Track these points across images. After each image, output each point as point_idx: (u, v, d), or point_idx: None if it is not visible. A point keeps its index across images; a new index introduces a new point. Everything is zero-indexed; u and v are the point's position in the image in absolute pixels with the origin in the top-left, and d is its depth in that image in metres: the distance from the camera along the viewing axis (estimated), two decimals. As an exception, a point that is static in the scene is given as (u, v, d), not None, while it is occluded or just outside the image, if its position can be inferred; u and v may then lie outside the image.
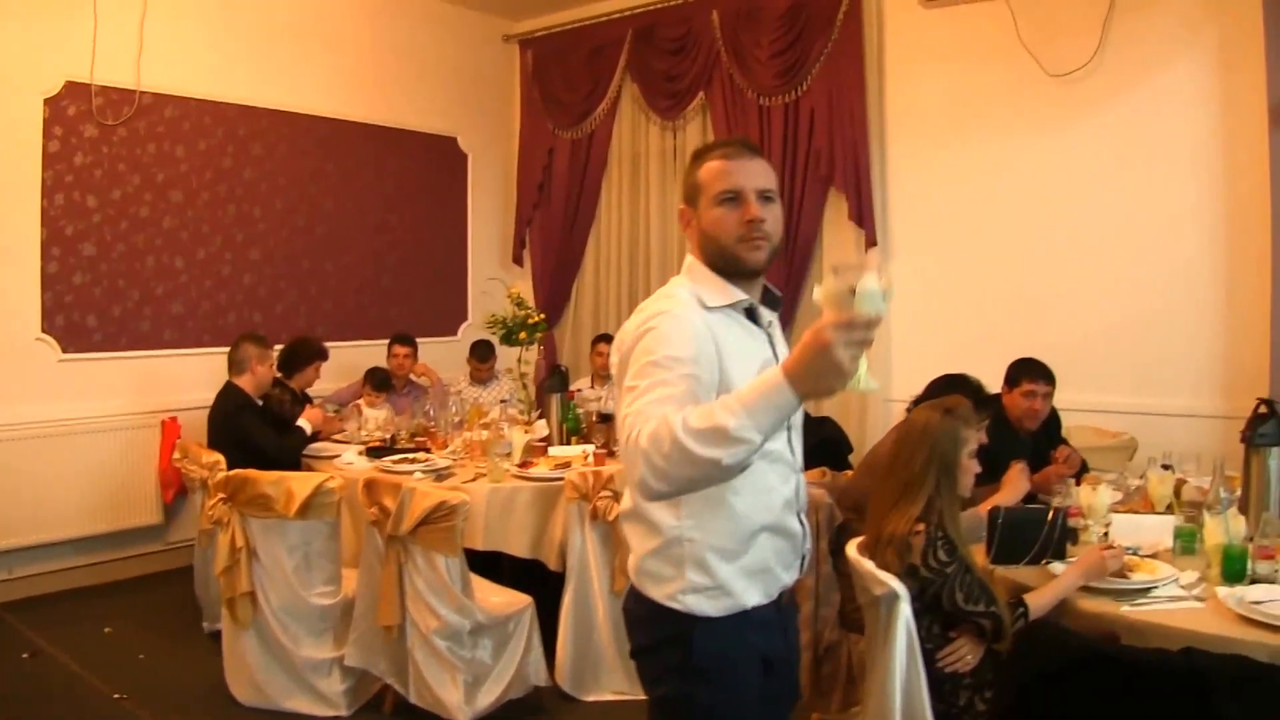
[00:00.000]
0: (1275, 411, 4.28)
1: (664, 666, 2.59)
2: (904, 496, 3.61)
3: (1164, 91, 6.87)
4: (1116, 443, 6.25)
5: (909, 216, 7.90)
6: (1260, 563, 3.66)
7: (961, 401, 3.81)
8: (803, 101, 8.04)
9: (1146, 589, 3.60)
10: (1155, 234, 6.90)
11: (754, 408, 2.05)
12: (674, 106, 8.86)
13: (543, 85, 9.78)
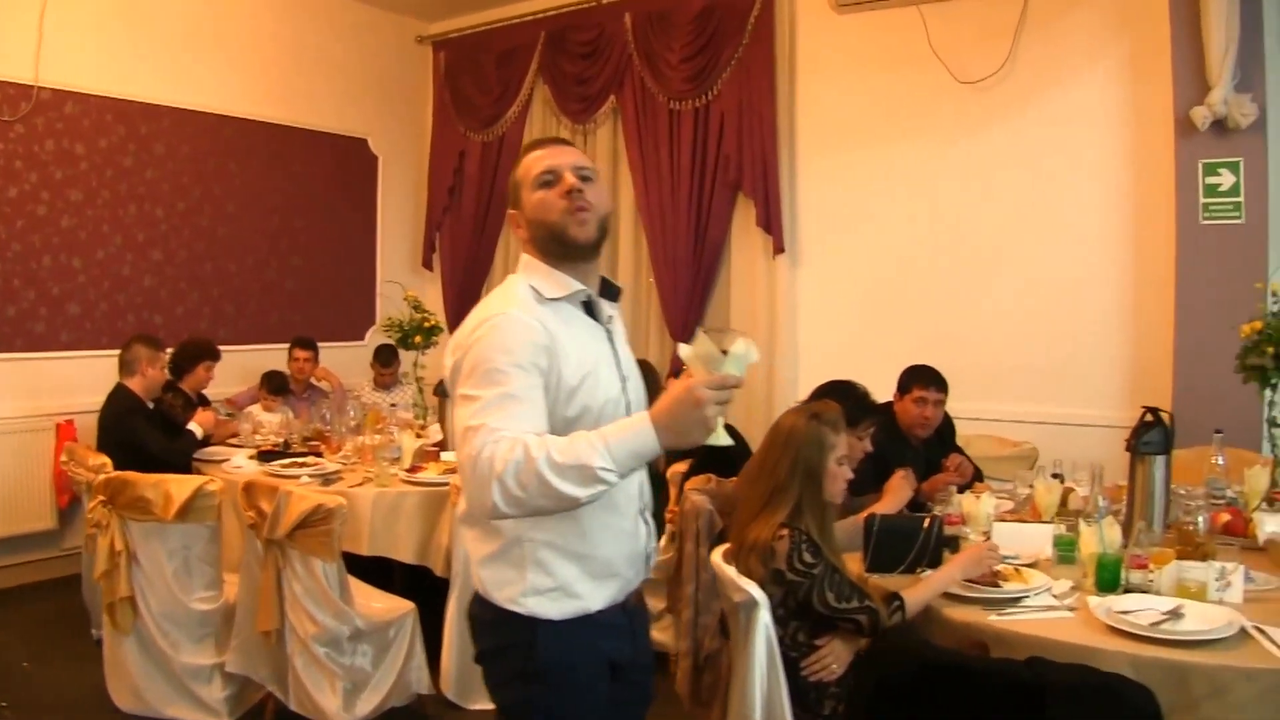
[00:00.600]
0: (1161, 420, 4.20)
1: (507, 671, 2.53)
2: (769, 503, 3.50)
3: (1073, 101, 6.87)
4: (1017, 452, 6.20)
5: (817, 223, 7.84)
6: (1134, 572, 3.57)
7: (830, 406, 3.70)
8: (713, 106, 7.97)
9: (1017, 598, 3.50)
10: (1063, 243, 6.90)
11: (618, 450, 2.13)
12: (585, 110, 8.76)
13: (455, 87, 9.66)
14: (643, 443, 2.15)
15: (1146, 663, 2.99)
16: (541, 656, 2.46)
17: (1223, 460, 4.75)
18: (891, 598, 3.42)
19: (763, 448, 3.69)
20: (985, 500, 4.26)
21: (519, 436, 2.14)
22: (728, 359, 2.19)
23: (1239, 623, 3.18)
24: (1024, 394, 6.86)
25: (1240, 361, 4.45)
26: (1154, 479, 4.18)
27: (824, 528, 3.56)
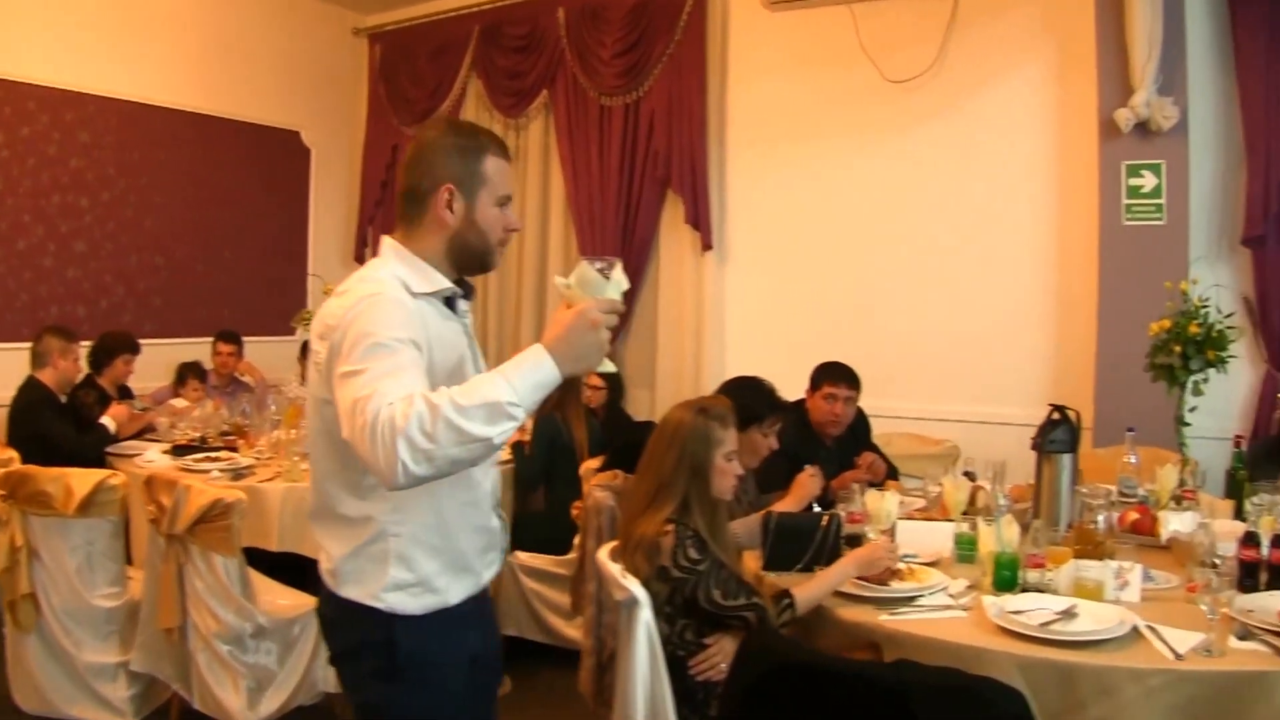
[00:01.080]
0: (1068, 418, 4.21)
1: (366, 670, 2.49)
2: (655, 499, 3.46)
3: (1000, 103, 6.93)
4: (938, 450, 6.21)
5: (746, 219, 7.85)
6: (1030, 571, 3.56)
7: (719, 401, 3.68)
8: (644, 103, 7.98)
9: (911, 597, 3.49)
10: (988, 243, 6.95)
11: (521, 384, 2.13)
12: (517, 105, 8.73)
13: (389, 80, 9.59)
14: (543, 373, 2.16)
15: (1033, 663, 2.99)
16: (402, 653, 2.43)
17: (1135, 459, 4.76)
18: (781, 595, 3.40)
19: (650, 443, 3.64)
20: (888, 498, 4.22)
21: (414, 393, 2.09)
22: (610, 283, 2.30)
23: (1131, 623, 3.18)
24: (949, 392, 6.89)
25: (1150, 360, 4.45)
26: (1060, 477, 4.17)
27: (714, 524, 3.54)
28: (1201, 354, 4.32)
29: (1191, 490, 4.51)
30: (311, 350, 2.43)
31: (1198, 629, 3.08)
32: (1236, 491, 4.63)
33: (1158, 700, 2.90)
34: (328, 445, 2.43)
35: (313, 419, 2.48)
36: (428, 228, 2.50)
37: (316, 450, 2.51)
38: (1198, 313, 4.39)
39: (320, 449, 2.49)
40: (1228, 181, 6.42)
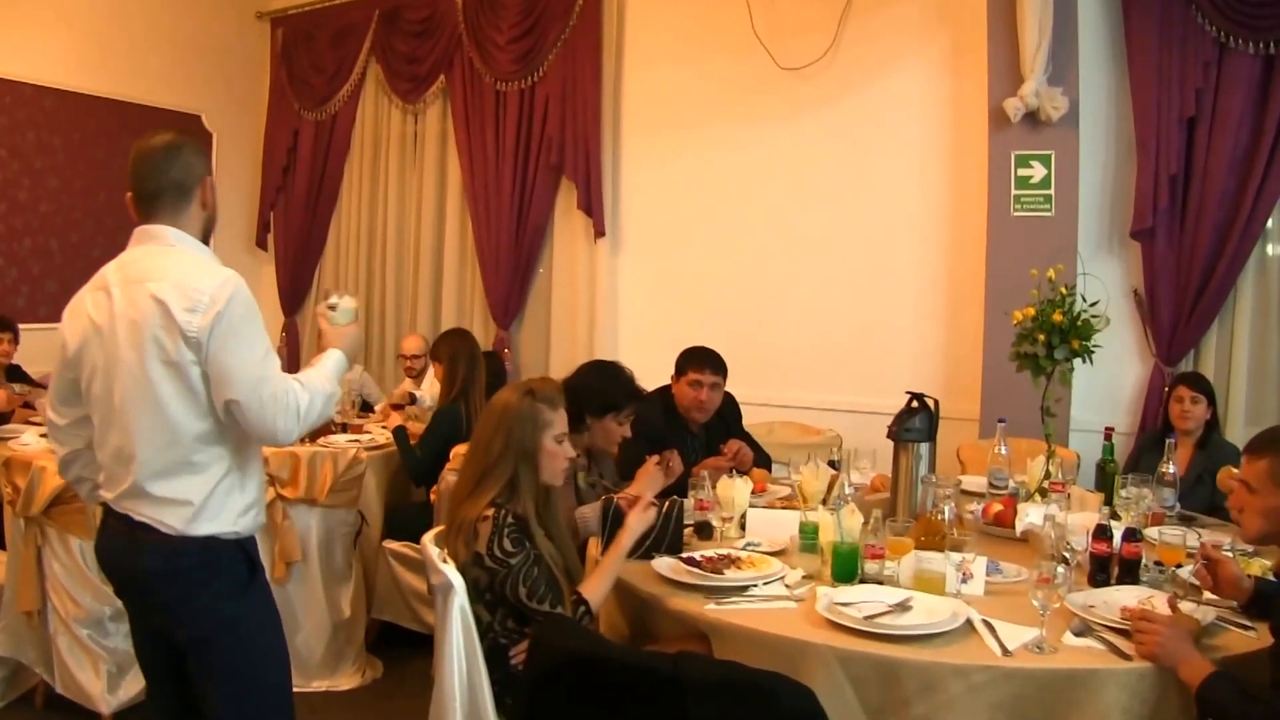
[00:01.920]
0: (926, 406, 4.12)
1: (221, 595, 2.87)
2: (480, 483, 3.35)
3: (893, 91, 6.87)
4: (820, 440, 6.12)
5: (640, 207, 7.78)
6: (870, 562, 3.47)
7: (547, 383, 3.57)
8: (539, 88, 7.89)
9: (743, 587, 3.40)
10: (879, 233, 6.89)
11: (333, 377, 3.02)
12: (415, 90, 8.60)
13: (290, 65, 9.42)
14: (340, 368, 3.08)
15: (855, 658, 2.90)
16: (254, 567, 2.95)
17: (1005, 450, 4.69)
18: (576, 602, 3.31)
19: (478, 425, 3.56)
20: (738, 486, 4.13)
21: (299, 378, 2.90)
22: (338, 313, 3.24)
23: (964, 616, 3.10)
24: (839, 382, 6.84)
25: (1014, 350, 4.36)
26: (917, 467, 4.09)
27: (546, 510, 3.48)
28: (1066, 343, 4.21)
29: (1060, 483, 4.42)
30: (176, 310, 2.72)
31: (1038, 624, 3.01)
32: (1107, 484, 4.58)
33: (981, 697, 2.82)
34: (187, 402, 2.76)
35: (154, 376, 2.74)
36: (198, 219, 2.99)
37: (167, 414, 2.76)
38: (1063, 301, 4.28)
39: (173, 410, 2.75)
40: (1119, 174, 6.40)
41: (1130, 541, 3.55)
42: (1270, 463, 2.99)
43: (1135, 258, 6.32)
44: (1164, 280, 6.19)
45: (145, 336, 2.72)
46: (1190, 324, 6.15)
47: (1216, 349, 6.20)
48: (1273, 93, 5.90)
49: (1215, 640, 3.05)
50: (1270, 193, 5.95)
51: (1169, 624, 2.90)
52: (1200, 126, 6.09)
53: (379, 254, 8.93)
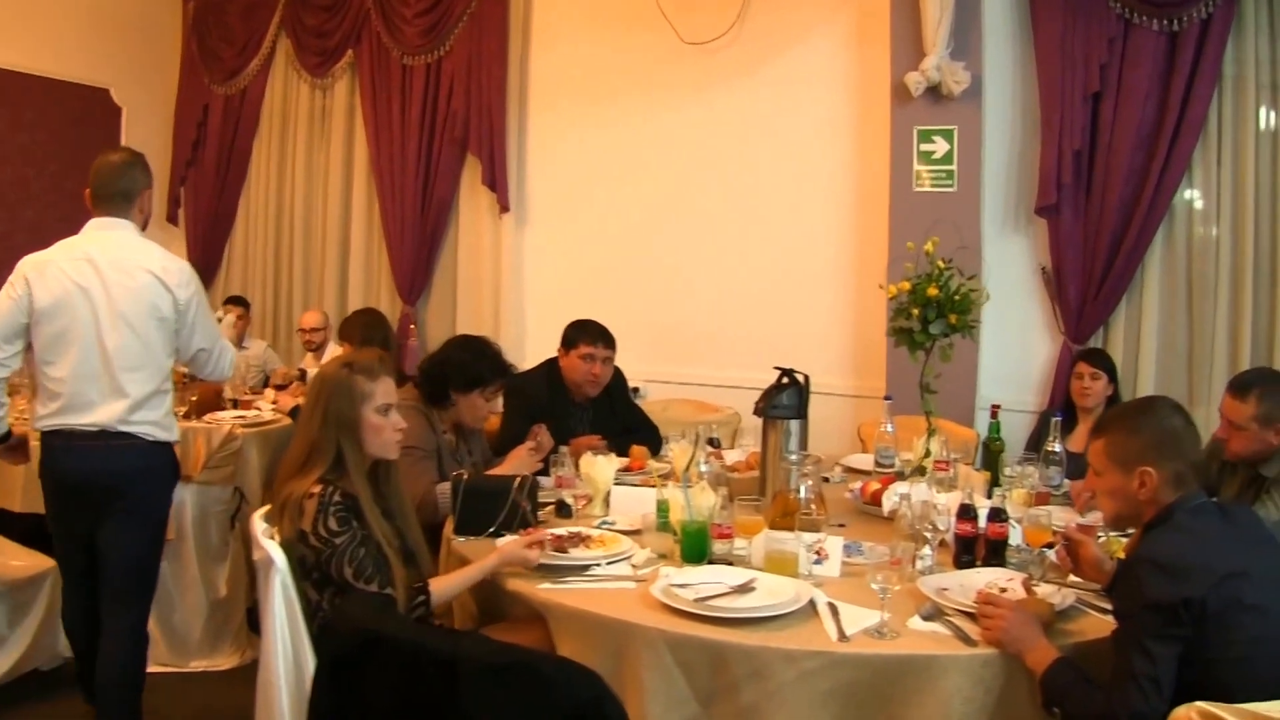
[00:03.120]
0: (796, 381, 4.01)
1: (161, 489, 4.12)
2: (308, 459, 3.22)
3: (799, 66, 6.76)
4: (718, 418, 6.01)
5: (546, 182, 7.66)
6: (719, 543, 3.36)
7: (368, 354, 3.44)
8: (445, 63, 7.75)
9: (585, 566, 3.29)
10: (785, 209, 6.79)
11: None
12: (323, 64, 8.43)
13: (201, 38, 9.20)
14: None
15: (684, 641, 2.78)
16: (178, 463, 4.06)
17: (891, 428, 4.61)
18: (418, 590, 3.18)
19: (304, 401, 3.44)
20: (601, 464, 4.01)
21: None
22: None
23: (807, 598, 2.99)
24: (743, 358, 6.70)
25: (891, 325, 4.25)
26: (786, 444, 3.99)
27: (386, 486, 3.39)
28: (943, 318, 4.10)
29: (945, 461, 4.31)
30: (168, 282, 3.97)
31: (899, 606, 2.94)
32: (992, 463, 4.48)
33: (812, 685, 2.70)
34: (168, 349, 4.03)
35: (149, 329, 3.94)
36: (134, 215, 4.15)
37: (155, 357, 3.98)
38: (940, 275, 4.17)
39: (158, 354, 3.98)
40: (1025, 149, 6.32)
41: (996, 522, 3.44)
42: (1106, 443, 2.92)
43: (1042, 234, 6.25)
44: (1071, 257, 6.12)
45: (145, 303, 3.90)
46: (1098, 301, 6.08)
47: (1125, 326, 6.14)
48: (1177, 68, 5.83)
49: (1071, 624, 2.95)
50: (1175, 169, 5.89)
51: (1015, 609, 2.80)
52: (1105, 102, 6.02)
53: (286, 229, 8.77)
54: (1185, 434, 2.83)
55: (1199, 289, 6.00)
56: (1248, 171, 5.85)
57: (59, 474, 3.90)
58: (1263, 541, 2.77)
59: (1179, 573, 2.53)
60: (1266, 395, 3.75)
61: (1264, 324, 5.89)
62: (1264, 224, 5.86)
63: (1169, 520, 2.75)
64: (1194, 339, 6.03)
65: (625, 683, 2.81)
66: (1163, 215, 5.97)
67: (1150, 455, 2.79)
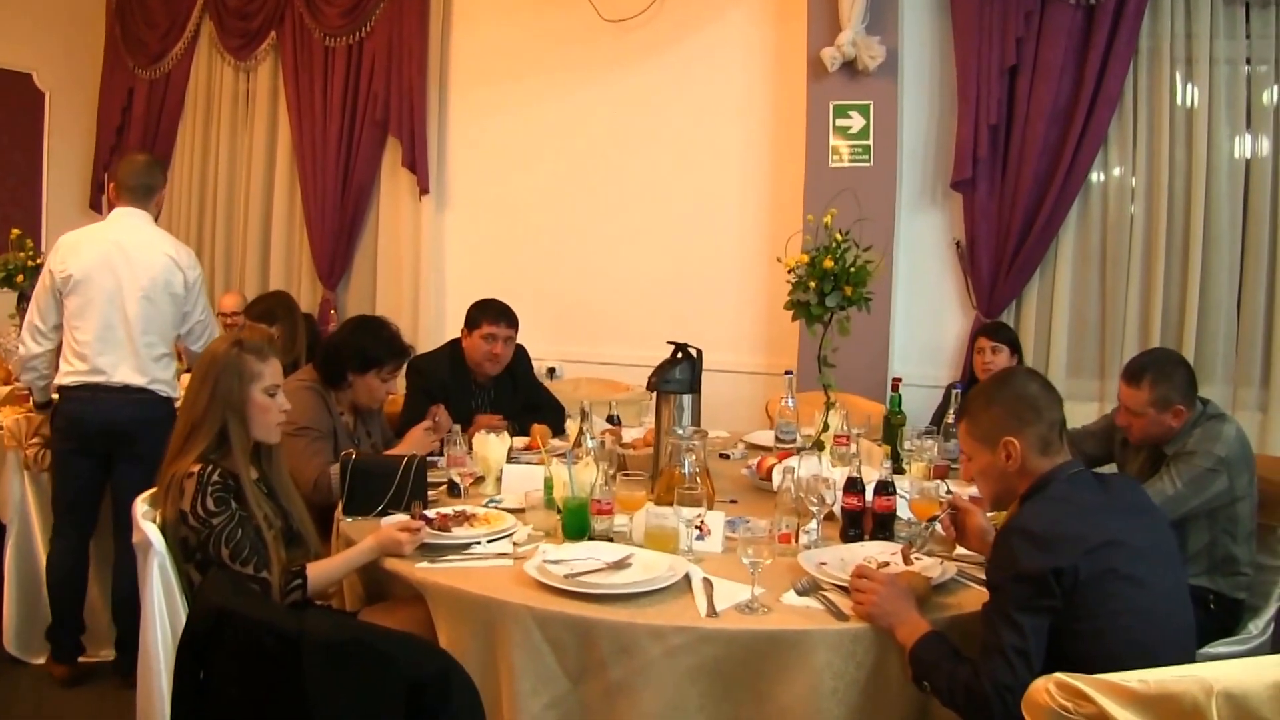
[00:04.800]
0: (690, 355, 3.99)
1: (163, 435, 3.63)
2: (189, 438, 3.19)
3: (717, 42, 6.75)
4: (628, 396, 5.98)
5: (467, 163, 7.62)
6: (599, 519, 3.34)
7: (258, 332, 3.44)
8: (366, 44, 7.69)
9: (463, 545, 3.27)
10: (705, 187, 6.79)
11: None
12: (246, 46, 8.34)
13: (124, 22, 9.08)
14: None
15: (553, 618, 2.77)
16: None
17: (792, 403, 4.61)
18: (294, 575, 3.15)
19: (190, 380, 3.38)
20: (493, 442, 4.00)
21: None
22: None
23: (682, 574, 2.99)
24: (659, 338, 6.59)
25: (789, 298, 4.23)
26: (680, 419, 3.97)
27: (269, 467, 3.37)
28: (839, 290, 4.09)
29: (845, 436, 4.30)
30: (181, 264, 4.75)
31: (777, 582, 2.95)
32: (892, 437, 4.49)
33: (679, 661, 2.69)
34: (176, 320, 4.77)
35: (164, 302, 4.68)
36: (150, 210, 4.85)
37: (165, 325, 4.74)
38: (836, 247, 4.16)
39: (169, 323, 4.74)
40: (942, 124, 6.34)
41: (883, 495, 3.44)
42: (967, 424, 2.93)
43: (958, 209, 6.27)
44: (984, 231, 6.14)
45: (161, 279, 4.63)
46: (1010, 275, 6.11)
47: (1038, 300, 6.18)
48: (1093, 43, 5.86)
49: (950, 597, 2.95)
50: (1090, 144, 5.92)
51: (887, 582, 2.79)
52: (1021, 77, 6.04)
53: (210, 214, 8.69)
54: (1042, 397, 2.81)
55: (1112, 264, 6.04)
56: (1162, 146, 5.89)
57: (85, 423, 4.53)
58: (1140, 511, 2.76)
59: (1049, 542, 2.52)
60: (1159, 380, 3.76)
61: (1175, 299, 5.93)
62: (1178, 199, 5.90)
63: (1045, 490, 2.73)
64: (1106, 313, 6.07)
65: (497, 660, 2.80)
66: (1077, 190, 6.00)
67: (1010, 423, 2.78)
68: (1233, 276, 5.88)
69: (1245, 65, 5.84)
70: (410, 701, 2.17)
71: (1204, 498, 3.67)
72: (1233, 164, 5.84)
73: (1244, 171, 5.85)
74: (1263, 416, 5.88)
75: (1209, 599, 3.74)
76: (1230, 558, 3.74)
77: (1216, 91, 5.82)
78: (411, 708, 2.17)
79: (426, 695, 2.19)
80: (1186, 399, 3.78)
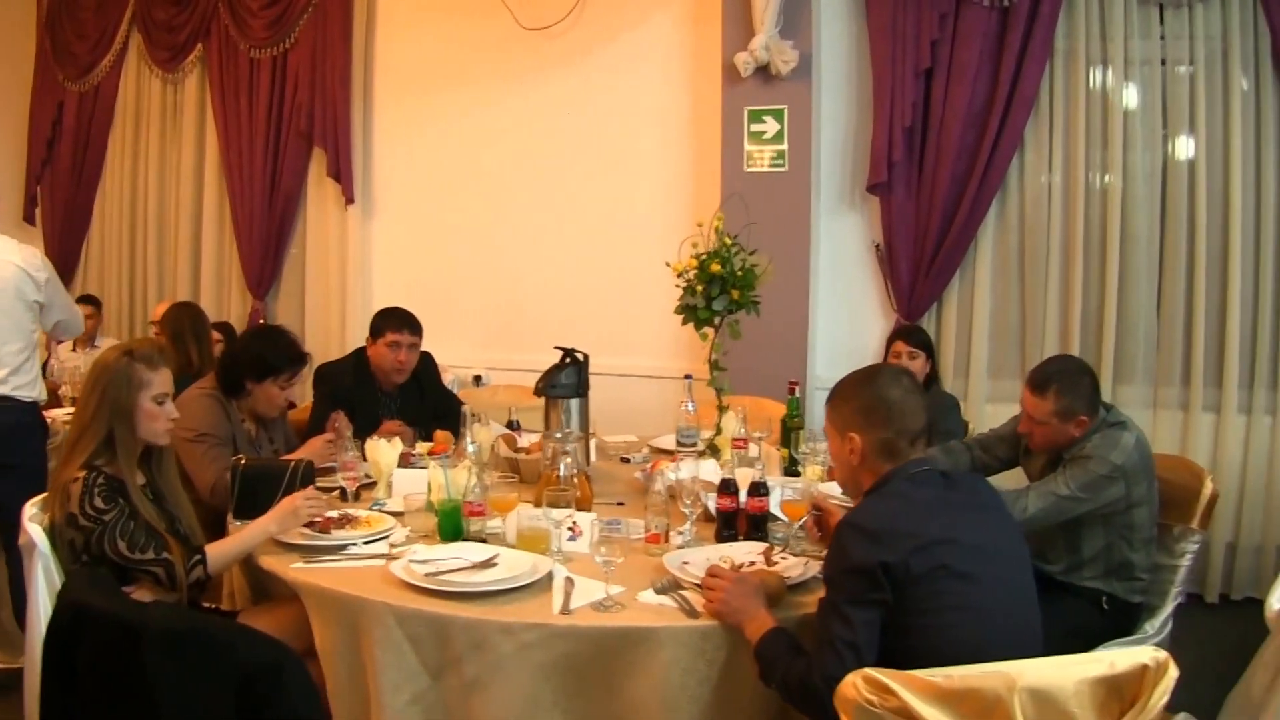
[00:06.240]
0: (577, 360, 4.00)
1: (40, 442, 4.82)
2: (77, 443, 3.22)
3: (637, 48, 6.78)
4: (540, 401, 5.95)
5: (392, 172, 7.61)
6: (472, 520, 3.37)
7: (147, 342, 3.45)
8: (291, 55, 7.68)
9: (340, 546, 3.31)
10: (626, 194, 6.82)
11: None
12: (173, 59, 8.31)
13: (55, 34, 9.01)
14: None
15: (411, 615, 2.81)
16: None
17: (693, 406, 4.59)
18: (192, 553, 3.20)
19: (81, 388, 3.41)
20: (384, 448, 4.02)
21: None
22: None
23: (544, 572, 3.02)
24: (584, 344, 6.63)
25: (679, 302, 4.24)
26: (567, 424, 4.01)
27: (158, 473, 3.40)
28: (726, 294, 4.10)
29: (743, 439, 4.32)
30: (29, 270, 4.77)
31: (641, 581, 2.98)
32: (790, 440, 4.49)
33: (531, 657, 2.73)
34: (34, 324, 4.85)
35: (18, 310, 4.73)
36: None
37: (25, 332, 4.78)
38: (724, 251, 4.17)
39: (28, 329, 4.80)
40: (859, 128, 6.37)
41: (756, 496, 3.46)
42: (829, 410, 2.96)
43: (876, 212, 6.28)
44: (903, 234, 6.18)
45: (12, 288, 4.67)
46: (930, 278, 6.14)
47: (958, 303, 6.22)
48: (1008, 44, 5.92)
49: (807, 595, 2.95)
50: (1007, 145, 5.97)
51: (736, 580, 2.81)
52: (937, 79, 6.08)
53: (141, 226, 8.62)
54: (901, 404, 2.80)
55: (1031, 265, 6.09)
56: (1079, 147, 5.95)
57: None
58: (981, 508, 2.77)
59: (880, 537, 2.53)
60: (1064, 390, 3.75)
61: (1094, 299, 5.99)
62: (1094, 199, 5.97)
63: (884, 487, 2.75)
64: (1026, 314, 6.12)
65: (364, 657, 2.85)
66: (995, 191, 6.04)
67: (858, 421, 2.80)
68: (1152, 276, 5.94)
69: (1161, 65, 5.91)
70: (244, 689, 2.22)
71: (1097, 503, 3.66)
72: (1150, 164, 5.91)
73: (1161, 171, 5.92)
74: (1183, 415, 5.94)
75: (1103, 601, 3.75)
76: (1127, 563, 3.74)
77: (1132, 92, 5.90)
78: (245, 696, 2.22)
79: (259, 684, 2.23)
80: (1090, 408, 3.77)
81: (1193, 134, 5.85)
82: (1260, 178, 5.75)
